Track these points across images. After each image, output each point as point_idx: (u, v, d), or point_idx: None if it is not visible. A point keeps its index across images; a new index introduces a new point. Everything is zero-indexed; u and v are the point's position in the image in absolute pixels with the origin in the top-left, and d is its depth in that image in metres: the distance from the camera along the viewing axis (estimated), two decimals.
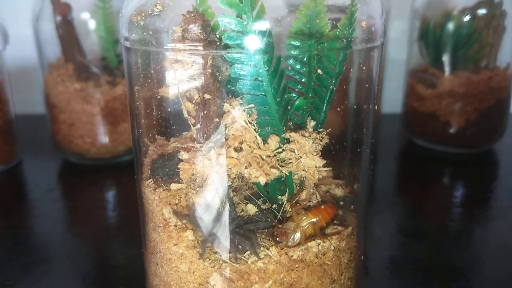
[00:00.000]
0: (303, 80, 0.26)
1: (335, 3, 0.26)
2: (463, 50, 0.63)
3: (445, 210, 0.52)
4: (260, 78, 0.24)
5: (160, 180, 0.28)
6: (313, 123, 0.27)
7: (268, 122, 0.25)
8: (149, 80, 0.28)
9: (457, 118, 0.64)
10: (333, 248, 0.27)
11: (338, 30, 0.25)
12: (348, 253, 0.28)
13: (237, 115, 0.24)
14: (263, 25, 0.23)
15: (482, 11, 0.61)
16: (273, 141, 0.25)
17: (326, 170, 0.27)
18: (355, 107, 0.29)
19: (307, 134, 0.26)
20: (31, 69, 0.75)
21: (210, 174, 0.25)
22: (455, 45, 0.63)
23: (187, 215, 0.26)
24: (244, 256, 0.25)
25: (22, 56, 0.75)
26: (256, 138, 0.25)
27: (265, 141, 0.25)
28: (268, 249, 0.25)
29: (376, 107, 0.29)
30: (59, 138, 0.62)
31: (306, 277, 0.26)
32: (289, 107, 0.26)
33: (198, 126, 0.25)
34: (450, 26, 0.62)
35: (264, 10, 0.23)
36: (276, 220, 0.27)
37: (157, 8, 0.25)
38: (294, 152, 0.25)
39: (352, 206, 0.30)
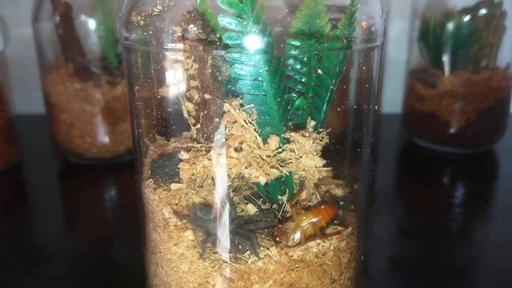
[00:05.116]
0: (303, 80, 0.26)
1: (335, 3, 0.26)
2: (463, 50, 0.63)
3: (445, 210, 0.52)
4: (260, 78, 0.24)
5: (160, 180, 0.28)
6: (313, 123, 0.27)
7: (268, 122, 0.25)
8: (149, 80, 0.28)
9: (457, 118, 0.64)
10: (333, 248, 0.27)
11: (338, 30, 0.25)
12: (348, 253, 0.28)
13: (237, 115, 0.24)
14: (263, 25, 0.23)
15: (482, 11, 0.61)
16: (273, 141, 0.25)
17: (326, 170, 0.27)
18: (355, 107, 0.29)
19: (307, 134, 0.26)
20: (31, 69, 0.75)
21: (210, 174, 0.25)
22: (455, 45, 0.63)
23: (187, 215, 0.26)
24: (244, 256, 0.25)
25: (22, 56, 0.75)
26: (256, 138, 0.25)
27: (265, 141, 0.25)
28: (268, 249, 0.25)
29: (376, 107, 0.29)
30: (59, 138, 0.62)
31: (306, 277, 0.26)
32: (289, 107, 0.26)
33: (198, 126, 0.25)
34: (450, 26, 0.62)
35: (264, 10, 0.23)
36: (276, 220, 0.27)
37: (157, 8, 0.25)
38: (294, 152, 0.25)
39: (352, 206, 0.30)
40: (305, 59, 0.26)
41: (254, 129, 0.25)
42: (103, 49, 0.60)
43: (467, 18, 0.62)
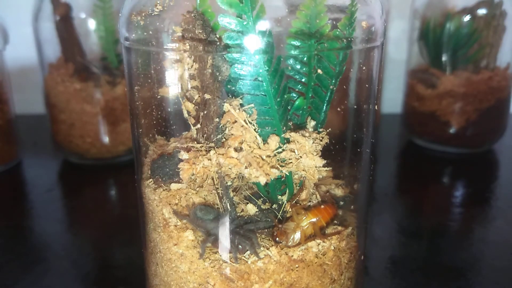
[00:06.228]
0: (303, 80, 0.26)
1: (335, 3, 0.26)
2: (463, 50, 0.63)
3: (445, 210, 0.52)
4: (260, 78, 0.24)
5: (160, 180, 0.28)
6: (313, 123, 0.27)
7: (268, 122, 0.25)
8: (149, 80, 0.28)
9: (457, 118, 0.64)
10: (333, 248, 0.27)
11: (338, 30, 0.25)
12: (348, 253, 0.28)
13: (237, 115, 0.24)
14: (263, 25, 0.23)
15: (482, 11, 0.61)
16: (273, 141, 0.25)
17: (326, 170, 0.27)
18: (355, 107, 0.29)
19: (307, 134, 0.26)
20: (31, 69, 0.75)
21: (210, 174, 0.25)
22: (455, 45, 0.63)
23: (187, 215, 0.26)
24: (244, 256, 0.25)
25: (22, 56, 0.75)
26: (256, 138, 0.25)
27: (265, 141, 0.25)
28: (268, 249, 0.25)
29: (376, 107, 0.29)
30: (59, 138, 0.62)
31: (306, 277, 0.26)
32: (289, 107, 0.26)
33: (198, 126, 0.25)
34: (450, 26, 0.62)
35: (264, 10, 0.23)
36: (276, 220, 0.27)
37: (157, 8, 0.25)
38: (294, 152, 0.25)
39: (352, 206, 0.30)
40: (305, 59, 0.26)
41: (254, 129, 0.25)
42: (103, 49, 0.60)
43: (467, 18, 0.62)
